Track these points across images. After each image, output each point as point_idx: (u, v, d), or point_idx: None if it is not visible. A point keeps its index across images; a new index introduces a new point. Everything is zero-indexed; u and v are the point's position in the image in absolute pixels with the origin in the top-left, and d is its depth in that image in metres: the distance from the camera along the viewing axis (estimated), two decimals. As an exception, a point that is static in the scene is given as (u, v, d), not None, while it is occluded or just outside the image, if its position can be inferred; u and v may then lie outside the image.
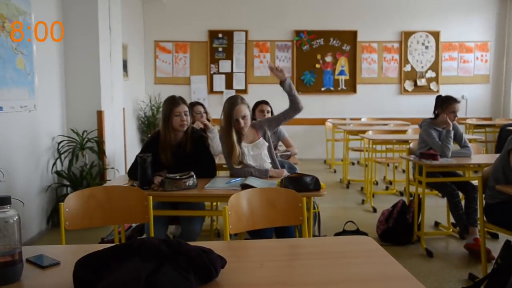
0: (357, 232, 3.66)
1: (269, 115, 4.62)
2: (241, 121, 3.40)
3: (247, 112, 3.45)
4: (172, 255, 1.46)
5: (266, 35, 9.02)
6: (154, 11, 8.81)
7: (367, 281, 1.63)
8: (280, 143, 4.71)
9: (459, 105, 4.40)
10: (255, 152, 3.49)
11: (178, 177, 2.97)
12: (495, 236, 4.40)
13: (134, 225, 4.09)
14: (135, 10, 8.42)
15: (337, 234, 4.17)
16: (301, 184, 2.92)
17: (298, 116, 9.03)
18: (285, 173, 3.40)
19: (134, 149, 7.26)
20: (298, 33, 9.03)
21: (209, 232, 4.54)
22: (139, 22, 8.63)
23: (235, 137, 3.40)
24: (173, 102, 3.41)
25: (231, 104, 3.40)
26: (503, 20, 9.19)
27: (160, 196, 2.99)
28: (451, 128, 4.38)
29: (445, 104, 4.39)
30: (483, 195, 3.49)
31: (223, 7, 8.94)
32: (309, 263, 1.79)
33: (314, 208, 3.60)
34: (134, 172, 3.16)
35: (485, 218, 3.47)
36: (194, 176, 3.02)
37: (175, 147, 3.42)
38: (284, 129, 4.79)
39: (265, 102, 4.78)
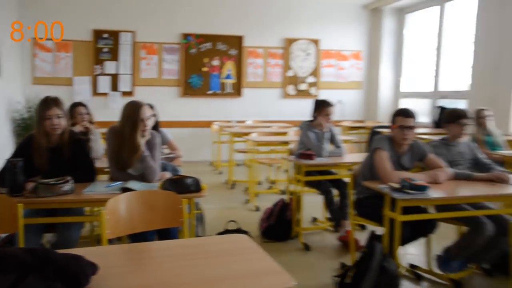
0: (238, 231, 3.73)
1: (153, 119, 4.50)
2: (147, 123, 3.30)
3: (150, 114, 3.38)
4: (37, 266, 1.38)
5: (154, 37, 8.84)
6: (33, 7, 8.19)
7: (242, 278, 1.66)
8: (164, 146, 4.63)
9: (332, 108, 4.65)
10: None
11: (52, 182, 2.80)
12: (363, 227, 4.69)
13: (3, 235, 3.76)
14: (10, 4, 7.78)
15: (219, 234, 4.21)
16: (181, 186, 2.91)
17: (185, 119, 9.02)
18: (167, 175, 3.36)
19: (7, 153, 6.72)
20: (186, 36, 8.96)
21: (89, 239, 4.35)
22: (13, 18, 7.96)
23: (139, 139, 3.28)
24: (44, 104, 3.20)
25: (136, 105, 3.29)
26: (374, 32, 9.88)
27: (33, 203, 2.78)
28: (325, 130, 4.62)
29: (320, 107, 4.63)
30: (353, 191, 3.72)
31: (108, 6, 8.58)
32: (187, 264, 1.79)
33: (197, 209, 3.60)
34: (2, 178, 2.92)
35: (354, 212, 3.70)
36: (71, 181, 2.87)
37: (50, 151, 3.22)
38: (168, 131, 4.73)
39: (150, 106, 4.61)
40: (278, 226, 4.55)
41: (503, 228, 3.32)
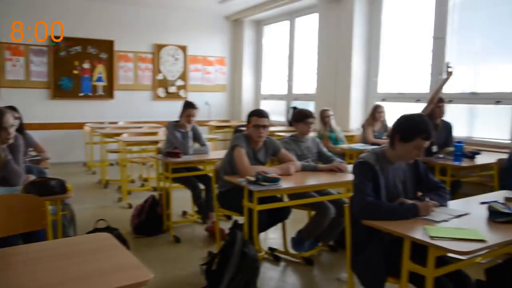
0: (107, 229, 3.55)
1: (17, 122, 4.07)
2: (9, 130, 2.91)
3: (13, 121, 2.99)
4: None
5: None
6: None
7: (103, 275, 1.58)
8: (30, 148, 4.24)
9: (195, 110, 4.62)
10: None
11: None
12: (230, 218, 4.76)
13: None
14: None
15: (88, 233, 3.97)
16: (45, 188, 2.68)
17: (56, 120, 8.36)
18: (31, 178, 3.07)
19: None
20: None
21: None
22: None
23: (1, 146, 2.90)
24: None
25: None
26: (236, 40, 10.09)
27: None
28: (188, 130, 4.59)
29: (184, 109, 4.60)
30: (216, 185, 3.74)
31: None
32: (49, 265, 1.65)
33: (65, 210, 3.35)
34: None
35: (218, 204, 3.73)
36: None
37: None
38: (34, 134, 4.35)
39: (13, 108, 4.16)
40: (149, 222, 4.43)
41: (342, 210, 3.58)
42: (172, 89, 9.46)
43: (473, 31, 5.79)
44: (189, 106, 4.61)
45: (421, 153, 2.45)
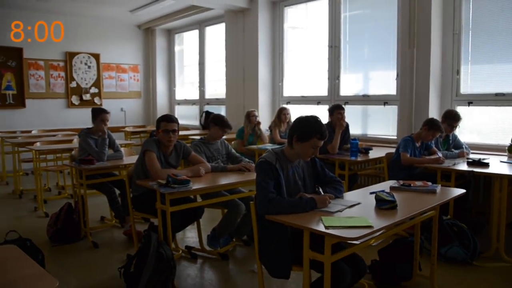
0: (19, 240, 3.28)
1: None
2: None
3: None
4: None
5: None
6: None
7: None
8: None
9: (108, 115, 4.44)
10: None
11: None
12: (148, 220, 4.60)
13: None
14: None
15: (-1, 245, 3.66)
16: None
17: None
18: None
19: None
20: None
21: None
22: None
23: None
24: None
25: None
26: (147, 48, 9.83)
27: None
28: (106, 136, 4.40)
29: (96, 115, 4.40)
30: (130, 189, 3.62)
31: None
32: None
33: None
34: None
35: (134, 208, 3.61)
36: None
37: None
38: None
39: None
40: (66, 229, 4.17)
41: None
42: (87, 97, 8.98)
43: (361, 41, 6.16)
44: (101, 112, 4.41)
45: (317, 152, 2.56)
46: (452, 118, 4.57)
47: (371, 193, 2.71)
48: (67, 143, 6.01)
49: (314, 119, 2.53)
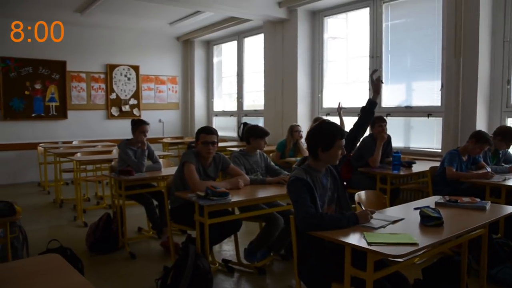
0: (60, 249, 3.41)
1: None
2: None
3: None
4: None
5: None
6: None
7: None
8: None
9: (147, 126, 4.57)
10: None
11: None
12: (185, 232, 4.69)
13: None
14: None
15: (40, 254, 3.81)
16: (-9, 211, 2.55)
17: (8, 141, 8.02)
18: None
19: None
20: (4, 59, 7.96)
21: None
22: None
23: None
24: None
25: None
26: (187, 60, 10.06)
27: None
28: (145, 148, 4.52)
29: (135, 126, 4.53)
30: (168, 201, 3.70)
31: None
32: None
33: (13, 232, 3.19)
34: None
35: (171, 219, 3.68)
36: None
37: None
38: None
39: None
40: (104, 239, 4.30)
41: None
42: (126, 108, 9.28)
43: (404, 51, 6.08)
44: (140, 123, 4.54)
45: (343, 150, 2.57)
46: (509, 137, 4.37)
47: (415, 208, 2.65)
48: (107, 154, 6.22)
49: (327, 124, 2.56)
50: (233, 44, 9.31)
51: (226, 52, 9.87)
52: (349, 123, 6.50)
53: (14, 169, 8.04)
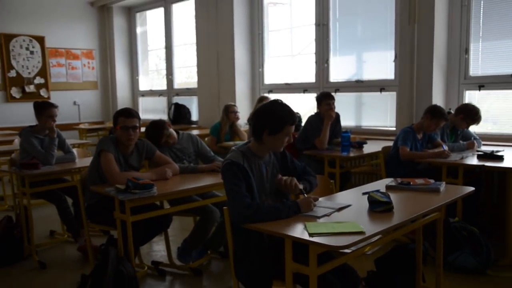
0: None
1: None
2: None
3: None
4: None
5: None
6: None
7: None
8: None
9: (56, 109, 4.38)
10: None
11: None
12: (107, 233, 4.58)
13: None
14: None
15: None
16: None
17: None
18: None
19: None
20: None
21: None
22: None
23: None
24: None
25: None
26: (105, 30, 9.76)
27: None
28: (55, 135, 4.35)
29: (40, 110, 4.33)
30: (84, 197, 3.60)
31: None
32: None
33: None
34: None
35: (88, 218, 3.59)
36: None
37: None
38: None
39: None
40: (5, 248, 4.10)
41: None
42: (30, 88, 8.84)
43: (354, 18, 6.23)
44: (46, 106, 4.35)
45: (291, 138, 2.60)
46: (472, 117, 4.53)
47: (364, 193, 2.74)
48: (6, 145, 5.98)
49: (279, 105, 2.56)
50: (160, 12, 9.12)
51: (151, 21, 9.66)
52: (296, 100, 6.64)
53: None
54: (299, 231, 2.19)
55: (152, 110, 9.37)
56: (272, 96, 6.36)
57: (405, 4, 5.25)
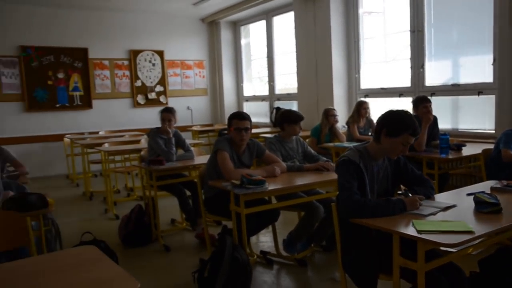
0: (93, 241, 3.53)
1: None
2: None
3: None
4: None
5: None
6: None
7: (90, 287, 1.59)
8: (8, 164, 4.20)
9: (168, 114, 4.64)
10: None
11: None
12: (219, 223, 4.75)
13: None
14: None
15: (74, 247, 3.94)
16: (25, 204, 2.66)
17: (33, 133, 8.24)
18: (10, 194, 3.05)
19: None
20: (25, 48, 8.16)
21: None
22: None
23: None
24: None
25: None
26: (212, 43, 10.09)
27: None
28: (170, 136, 4.59)
29: (160, 115, 4.62)
30: (202, 191, 3.75)
31: None
32: (34, 282, 1.66)
33: (47, 225, 3.32)
34: None
35: (205, 210, 3.74)
36: None
37: None
38: (14, 148, 4.32)
39: None
40: (137, 232, 4.42)
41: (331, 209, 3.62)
42: (152, 95, 9.42)
43: (449, 23, 5.90)
44: (162, 111, 4.65)
45: (407, 149, 2.51)
46: None
47: (468, 194, 2.61)
48: (135, 144, 6.36)
49: (406, 114, 2.50)
50: (262, 24, 9.27)
51: (254, 33, 9.84)
52: (391, 105, 6.42)
53: (41, 161, 8.28)
54: (406, 227, 2.13)
55: (255, 114, 9.51)
56: (369, 100, 6.21)
57: (504, 6, 4.88)
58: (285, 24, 8.66)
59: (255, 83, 9.96)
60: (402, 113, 2.50)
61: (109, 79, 9.04)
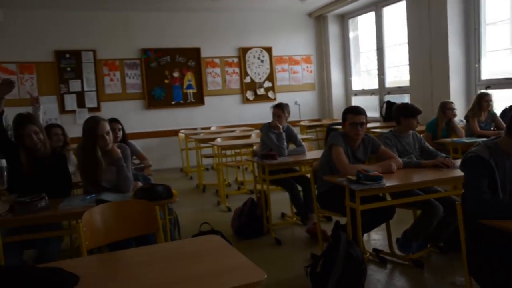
0: (211, 232, 3.69)
1: (121, 133, 4.36)
2: (106, 137, 3.20)
3: (109, 128, 3.26)
4: (13, 285, 1.32)
5: (114, 54, 8.67)
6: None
7: (217, 275, 1.65)
8: (134, 156, 4.54)
9: (277, 109, 4.68)
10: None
11: (28, 200, 2.70)
12: (329, 219, 4.73)
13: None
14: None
15: (194, 236, 4.16)
16: (153, 193, 2.85)
17: (152, 129, 8.86)
18: (139, 184, 3.29)
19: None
20: (145, 51, 8.84)
21: (71, 251, 4.21)
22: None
23: (99, 154, 3.18)
24: (19, 122, 3.12)
25: (94, 122, 3.18)
26: (321, 37, 10.02)
27: (10, 222, 2.69)
28: (281, 131, 4.63)
29: (272, 110, 4.68)
30: (315, 186, 3.74)
31: (68, 27, 8.36)
32: (163, 266, 1.76)
33: (170, 214, 3.54)
34: None
35: (318, 205, 3.72)
36: (46, 197, 2.78)
37: (36, 163, 3.14)
38: (136, 143, 4.66)
39: (116, 120, 4.43)
40: (250, 224, 4.52)
41: (452, 208, 3.39)
42: (261, 91, 9.61)
43: None
44: (273, 106, 4.73)
45: None
46: None
47: None
48: (246, 139, 6.52)
49: None
50: (371, 16, 8.99)
51: (362, 26, 9.59)
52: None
53: (158, 155, 8.86)
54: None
55: (364, 108, 9.23)
56: (491, 92, 5.73)
57: None
58: (395, 15, 8.32)
59: (363, 77, 9.71)
60: None
61: (220, 76, 9.40)
